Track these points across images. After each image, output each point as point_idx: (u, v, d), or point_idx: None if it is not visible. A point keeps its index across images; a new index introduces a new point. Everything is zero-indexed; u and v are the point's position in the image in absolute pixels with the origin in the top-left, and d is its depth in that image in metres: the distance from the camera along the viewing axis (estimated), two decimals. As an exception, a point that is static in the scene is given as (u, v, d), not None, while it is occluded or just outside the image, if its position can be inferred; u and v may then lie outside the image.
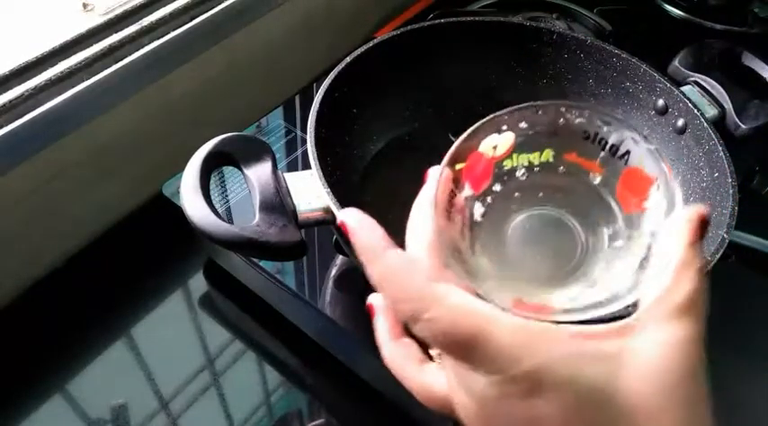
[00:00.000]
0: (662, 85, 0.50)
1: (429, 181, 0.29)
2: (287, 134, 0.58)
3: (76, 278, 0.55)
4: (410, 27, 0.51)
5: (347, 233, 0.27)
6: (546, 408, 0.22)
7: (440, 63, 0.54)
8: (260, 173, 0.40)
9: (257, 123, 0.59)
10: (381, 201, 0.50)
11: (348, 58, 0.48)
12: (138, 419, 0.47)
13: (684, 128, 0.49)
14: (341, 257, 0.50)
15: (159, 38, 0.53)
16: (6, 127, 0.45)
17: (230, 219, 0.51)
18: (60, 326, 0.51)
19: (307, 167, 0.41)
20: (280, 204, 0.39)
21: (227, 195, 0.52)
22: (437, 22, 0.52)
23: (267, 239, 0.37)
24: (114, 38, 0.51)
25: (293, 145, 0.57)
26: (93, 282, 0.54)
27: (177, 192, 0.40)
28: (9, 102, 0.45)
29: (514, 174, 0.29)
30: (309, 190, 0.40)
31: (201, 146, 0.41)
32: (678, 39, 0.59)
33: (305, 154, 0.49)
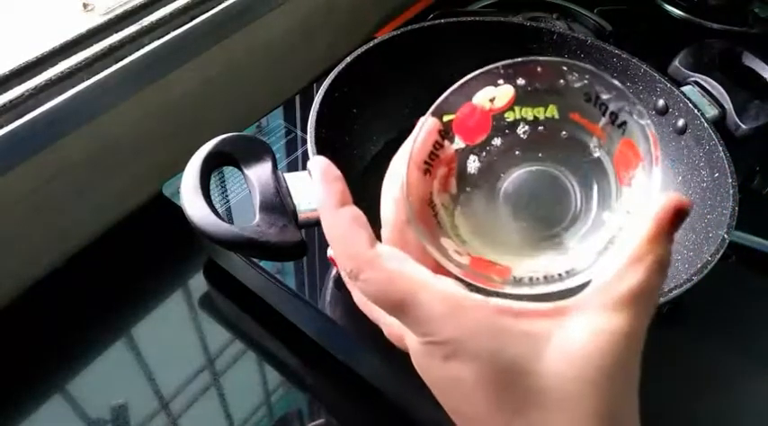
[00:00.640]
0: (662, 86, 0.50)
1: (414, 131, 0.29)
2: (287, 134, 0.58)
3: (76, 278, 0.55)
4: (410, 27, 0.51)
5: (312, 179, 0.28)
6: (463, 372, 0.24)
7: (440, 63, 0.54)
8: (260, 173, 0.40)
9: (257, 123, 0.59)
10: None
11: (348, 58, 0.48)
12: (138, 419, 0.47)
13: (685, 128, 0.49)
14: (341, 257, 0.50)
15: (159, 38, 0.53)
16: (6, 127, 0.45)
17: (230, 219, 0.51)
18: (60, 326, 0.51)
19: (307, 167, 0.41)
20: (280, 204, 0.39)
21: (227, 195, 0.52)
22: (437, 22, 0.52)
23: (267, 239, 0.37)
24: (114, 38, 0.51)
25: (293, 145, 0.57)
26: (93, 282, 0.54)
27: (177, 192, 0.40)
28: (9, 102, 0.45)
29: (516, 129, 0.28)
30: (310, 191, 0.40)
31: (201, 146, 0.41)
32: (678, 40, 0.59)
33: (305, 154, 0.50)
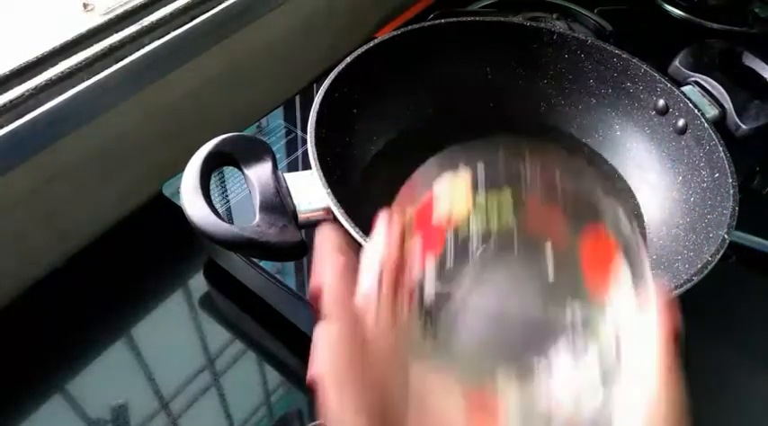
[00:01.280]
0: (662, 86, 0.50)
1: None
2: (287, 134, 0.58)
3: (76, 278, 0.55)
4: (410, 27, 0.51)
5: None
6: None
7: (440, 63, 0.54)
8: (260, 173, 0.40)
9: (257, 123, 0.59)
10: (381, 201, 0.50)
11: (348, 59, 0.48)
12: (139, 419, 0.47)
13: (685, 128, 0.49)
14: (341, 257, 0.50)
15: (160, 38, 0.53)
16: (6, 127, 0.45)
17: (230, 219, 0.51)
18: (60, 326, 0.51)
19: (307, 167, 0.41)
20: (280, 204, 0.39)
21: (227, 195, 0.52)
22: (437, 22, 0.52)
23: (267, 239, 0.37)
24: (115, 38, 0.51)
25: (293, 145, 0.57)
26: (93, 282, 0.54)
27: (177, 192, 0.40)
28: (9, 102, 0.45)
29: (468, 250, 0.25)
30: (310, 191, 0.40)
31: (202, 146, 0.41)
32: (679, 40, 0.59)
33: (305, 154, 0.49)
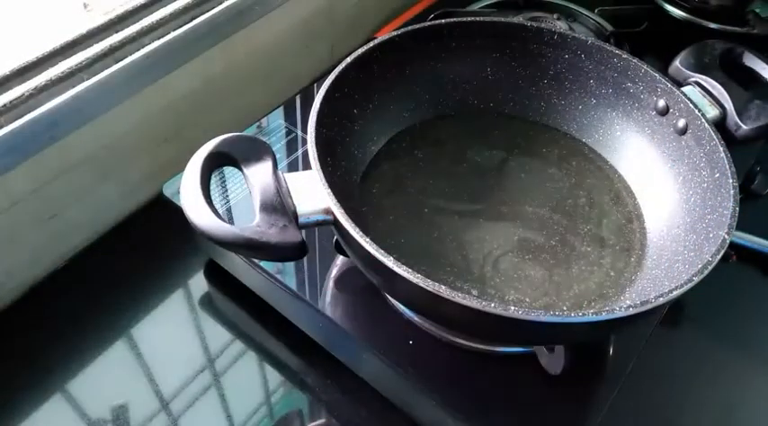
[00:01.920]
0: (663, 86, 0.50)
1: None
2: (287, 134, 0.58)
3: (76, 278, 0.55)
4: (411, 27, 0.51)
5: None
6: None
7: (440, 63, 0.54)
8: (260, 173, 0.40)
9: (258, 123, 0.59)
10: (382, 202, 0.50)
11: (349, 59, 0.48)
12: (139, 419, 0.47)
13: (685, 128, 0.49)
14: (341, 257, 0.50)
15: (160, 38, 0.53)
16: (6, 127, 0.45)
17: (231, 220, 0.51)
18: (60, 326, 0.51)
19: (307, 167, 0.41)
20: (280, 204, 0.39)
21: (227, 195, 0.52)
22: (438, 22, 0.52)
23: (267, 240, 0.37)
24: (115, 38, 0.51)
25: (294, 145, 0.57)
26: (93, 282, 0.54)
27: (178, 192, 0.40)
28: (10, 102, 0.45)
29: None
30: (310, 191, 0.40)
31: (202, 146, 0.41)
32: (679, 40, 0.59)
33: (305, 154, 0.49)
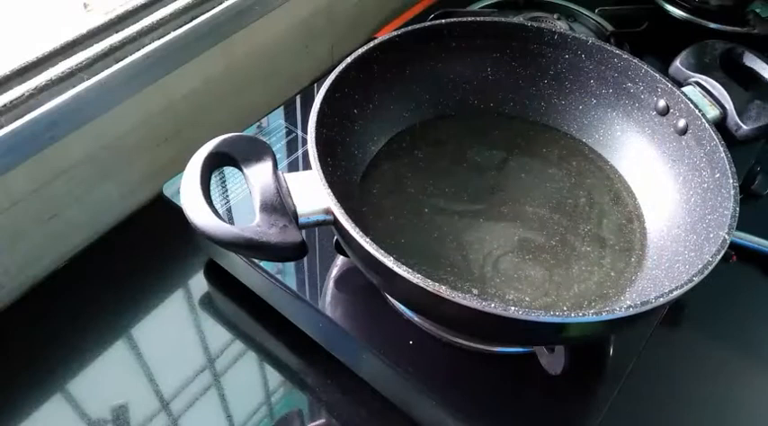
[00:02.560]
0: (663, 86, 0.50)
1: None
2: (288, 134, 0.58)
3: (76, 278, 0.55)
4: (411, 27, 0.51)
5: None
6: None
7: (440, 63, 0.54)
8: (260, 173, 0.40)
9: (258, 123, 0.59)
10: (382, 202, 0.50)
11: (349, 59, 0.48)
12: (139, 419, 0.47)
13: (686, 128, 0.49)
14: (341, 257, 0.50)
15: (160, 38, 0.53)
16: (7, 127, 0.45)
17: (231, 220, 0.51)
18: (60, 326, 0.51)
19: (307, 167, 0.41)
20: (280, 204, 0.39)
21: (227, 195, 0.52)
22: (438, 22, 0.52)
23: (267, 240, 0.37)
24: (115, 38, 0.51)
25: (294, 145, 0.57)
26: (93, 282, 0.54)
27: (178, 192, 0.40)
28: (10, 102, 0.45)
29: None
30: (310, 191, 0.40)
31: (202, 146, 0.41)
32: (679, 40, 0.59)
33: (306, 154, 0.49)
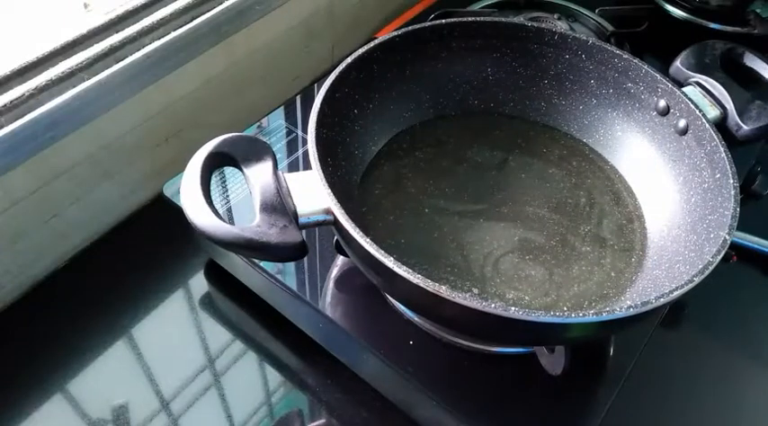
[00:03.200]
0: (663, 86, 0.50)
1: None
2: (288, 134, 0.58)
3: (76, 278, 0.55)
4: (411, 28, 0.51)
5: None
6: None
7: (440, 63, 0.54)
8: (261, 173, 0.40)
9: (258, 123, 0.59)
10: (382, 202, 0.50)
11: (349, 59, 0.48)
12: (139, 419, 0.47)
13: (686, 128, 0.49)
14: (341, 257, 0.50)
15: (160, 38, 0.53)
16: (7, 127, 0.45)
17: (231, 220, 0.51)
18: (60, 326, 0.51)
19: (308, 168, 0.41)
20: (280, 205, 0.39)
21: (227, 195, 0.52)
22: (438, 22, 0.52)
23: (267, 240, 0.37)
24: (115, 38, 0.51)
25: (294, 145, 0.57)
26: (94, 282, 0.54)
27: (178, 193, 0.40)
28: (10, 102, 0.45)
29: None
30: (310, 191, 0.40)
31: (202, 146, 0.41)
32: (680, 40, 0.59)
33: (306, 154, 0.49)
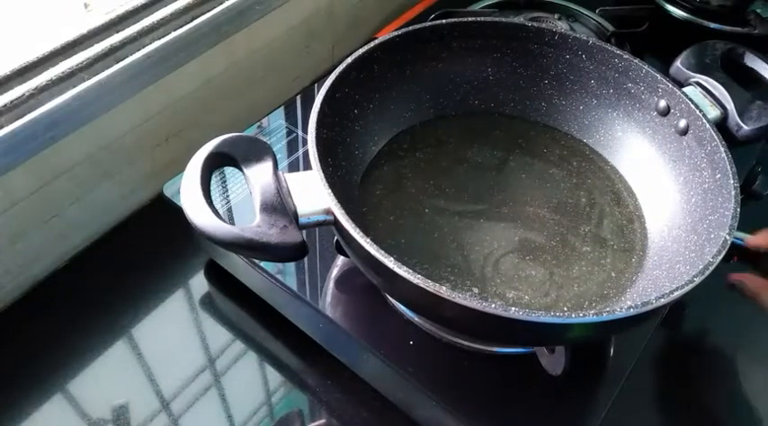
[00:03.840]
0: (664, 86, 0.50)
1: None
2: (288, 134, 0.58)
3: (76, 278, 0.55)
4: (411, 28, 0.51)
5: None
6: None
7: (441, 64, 0.54)
8: (261, 173, 0.40)
9: (258, 123, 0.59)
10: (383, 202, 0.50)
11: (349, 59, 0.48)
12: (139, 419, 0.47)
13: (686, 129, 0.49)
14: (342, 258, 0.50)
15: (160, 38, 0.53)
16: (7, 127, 0.45)
17: (231, 220, 0.51)
18: (60, 326, 0.51)
19: (308, 168, 0.41)
20: (281, 205, 0.39)
21: (227, 196, 0.52)
22: (438, 22, 0.52)
23: (268, 240, 0.37)
24: (115, 38, 0.50)
25: (294, 145, 0.57)
26: (94, 282, 0.54)
27: (178, 193, 0.40)
28: (10, 102, 0.45)
29: None
30: (310, 191, 0.40)
31: (202, 146, 0.41)
32: (680, 40, 0.59)
33: (306, 154, 0.49)
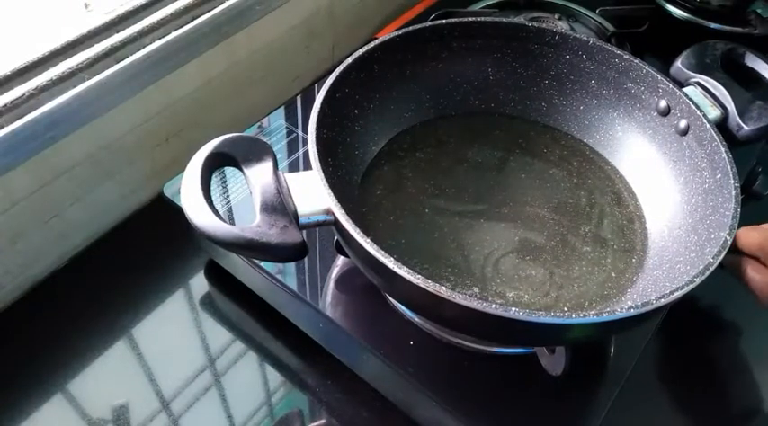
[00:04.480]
0: (664, 86, 0.50)
1: None
2: (288, 134, 0.58)
3: (76, 278, 0.55)
4: (411, 28, 0.51)
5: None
6: None
7: (441, 64, 0.54)
8: (261, 173, 0.40)
9: (258, 123, 0.59)
10: (383, 202, 0.50)
11: (350, 59, 0.48)
12: (139, 419, 0.47)
13: (687, 129, 0.49)
14: (342, 258, 0.50)
15: (161, 38, 0.53)
16: (7, 127, 0.45)
17: (231, 220, 0.51)
18: (60, 326, 0.51)
19: (308, 168, 0.41)
20: (281, 205, 0.39)
21: (228, 196, 0.52)
22: (438, 22, 0.52)
23: (268, 240, 0.37)
24: (115, 38, 0.50)
25: (294, 145, 0.57)
26: (94, 282, 0.54)
27: (178, 193, 0.40)
28: (10, 102, 0.45)
29: None
30: (311, 191, 0.40)
31: (202, 146, 0.41)
32: (680, 40, 0.59)
33: (306, 154, 0.49)
